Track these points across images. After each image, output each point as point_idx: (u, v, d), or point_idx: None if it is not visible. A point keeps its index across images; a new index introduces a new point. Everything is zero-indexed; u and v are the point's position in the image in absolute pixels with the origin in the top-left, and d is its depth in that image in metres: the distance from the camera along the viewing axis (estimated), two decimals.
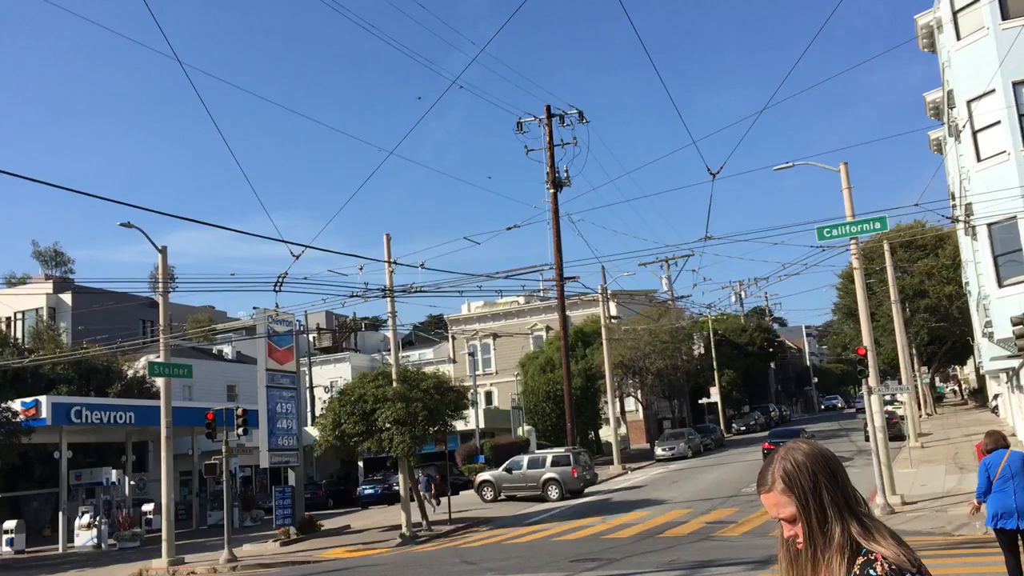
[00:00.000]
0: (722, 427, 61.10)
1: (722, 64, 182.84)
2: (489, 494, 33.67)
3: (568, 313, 41.26)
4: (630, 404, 60.66)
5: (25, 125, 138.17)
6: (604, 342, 45.06)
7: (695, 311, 61.32)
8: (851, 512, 2.30)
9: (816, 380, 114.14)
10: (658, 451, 46.09)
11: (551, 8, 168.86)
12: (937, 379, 73.01)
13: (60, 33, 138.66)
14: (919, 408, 47.01)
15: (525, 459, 33.99)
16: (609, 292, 46.36)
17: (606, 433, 52.57)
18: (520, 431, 46.71)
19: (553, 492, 32.01)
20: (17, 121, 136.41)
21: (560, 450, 34.74)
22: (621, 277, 47.98)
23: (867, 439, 23.70)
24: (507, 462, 34.66)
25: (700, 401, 66.39)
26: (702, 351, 65.46)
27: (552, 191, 38.04)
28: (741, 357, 73.39)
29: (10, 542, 34.12)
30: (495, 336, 66.38)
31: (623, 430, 57.35)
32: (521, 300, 65.15)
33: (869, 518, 2.32)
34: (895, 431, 35.89)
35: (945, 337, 53.17)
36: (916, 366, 50.49)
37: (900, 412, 40.31)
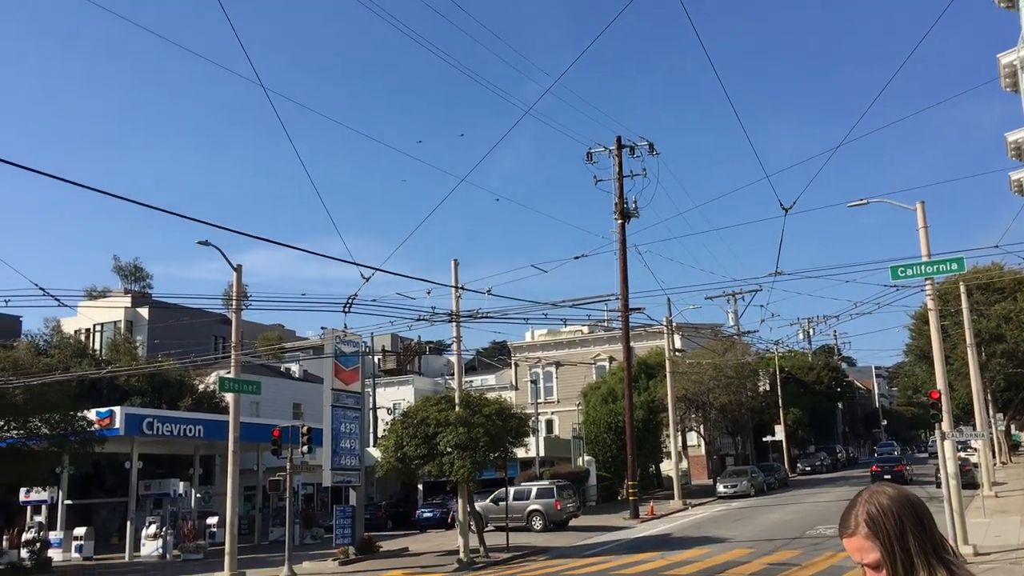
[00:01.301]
0: (786, 466, 59.86)
1: (796, 99, 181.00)
2: (474, 524, 33.92)
3: (632, 344, 41.02)
4: (692, 439, 59.87)
5: (109, 144, 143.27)
6: (668, 375, 44.65)
7: (761, 347, 60.42)
8: (939, 560, 2.23)
9: (885, 423, 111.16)
10: (720, 488, 45.37)
11: (625, 39, 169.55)
12: (1013, 427, 70.48)
13: (145, 57, 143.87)
14: (993, 456, 45.47)
15: (512, 491, 34.18)
16: (674, 324, 46.01)
17: (667, 467, 51.94)
18: (580, 461, 46.47)
19: (537, 523, 33.22)
20: (102, 140, 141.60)
21: (544, 483, 36.01)
22: (687, 310, 47.66)
23: (938, 486, 23.05)
24: (494, 494, 34.96)
25: (764, 439, 65.20)
26: (767, 388, 64.34)
27: (620, 222, 38.02)
28: (808, 396, 71.94)
29: (79, 548, 35.08)
30: (558, 364, 66.28)
31: (684, 465, 56.58)
32: (585, 329, 64.99)
33: (958, 567, 2.25)
34: (968, 479, 34.76)
35: (1022, 384, 51.42)
36: (991, 412, 48.89)
37: (974, 459, 39.03)
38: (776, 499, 41.65)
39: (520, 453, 33.70)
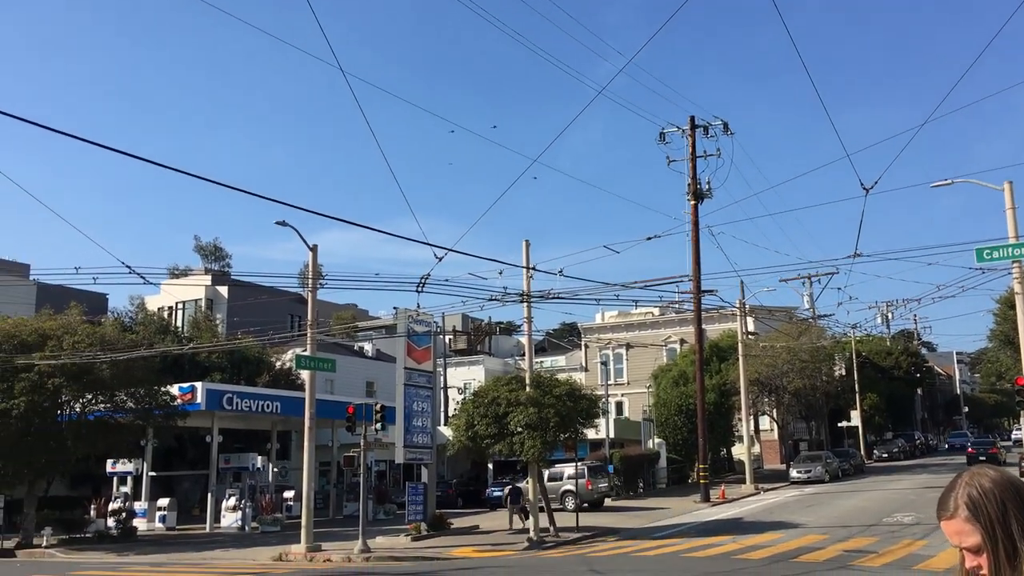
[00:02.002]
0: (862, 453, 58.69)
1: (876, 77, 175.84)
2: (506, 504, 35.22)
3: (704, 327, 40.59)
4: (765, 423, 59.10)
5: (191, 126, 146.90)
6: (740, 358, 44.11)
7: (838, 331, 59.18)
8: None
9: (967, 410, 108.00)
10: (793, 473, 44.74)
11: (698, 18, 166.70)
12: None
13: (227, 42, 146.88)
14: None
15: (547, 472, 34.45)
16: (747, 307, 45.35)
17: (739, 451, 51.42)
18: (650, 443, 46.29)
19: (569, 503, 33.44)
20: (184, 122, 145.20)
21: (570, 466, 35.96)
22: (760, 292, 46.77)
23: (1022, 474, 22.35)
24: (521, 473, 36.22)
25: (839, 424, 64.01)
26: (843, 373, 63.04)
27: (693, 203, 37.56)
28: (885, 381, 70.31)
29: (163, 518, 36.37)
30: (628, 346, 66.02)
31: (757, 449, 55.90)
32: (656, 311, 64.53)
33: None
34: None
35: None
36: None
37: None
38: (851, 485, 40.88)
39: (590, 434, 33.74)
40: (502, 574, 17.81)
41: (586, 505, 33.80)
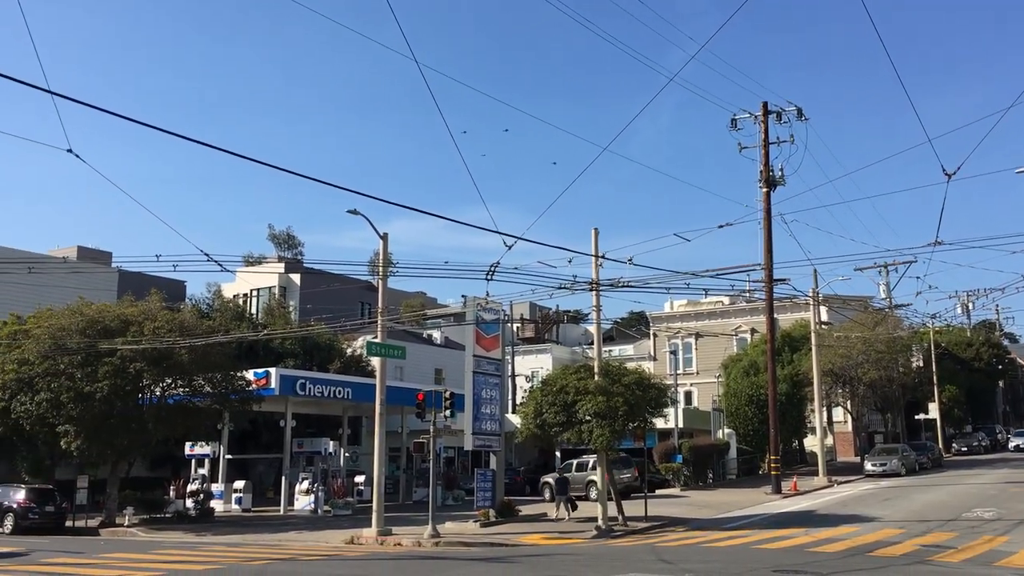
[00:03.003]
0: (940, 446, 57.11)
1: (958, 60, 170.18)
2: (547, 494, 36.40)
3: (775, 316, 39.91)
4: (838, 414, 57.98)
5: (265, 115, 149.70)
6: (813, 348, 43.30)
7: (916, 321, 57.57)
8: None
9: None
10: (868, 466, 43.78)
11: (771, 1, 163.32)
12: None
13: (297, 32, 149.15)
14: None
15: (575, 463, 38.06)
16: (821, 296, 44.44)
17: (811, 443, 50.52)
18: (720, 434, 45.80)
19: (592, 492, 34.01)
20: (259, 112, 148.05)
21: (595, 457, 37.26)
22: (834, 281, 45.75)
23: None
24: (562, 465, 38.85)
25: (916, 417, 62.42)
26: (921, 364, 61.37)
27: (765, 190, 36.92)
28: (965, 373, 68.24)
29: (239, 500, 37.33)
30: (697, 336, 65.37)
31: (830, 441, 54.90)
32: (726, 300, 63.74)
33: None
34: None
35: None
36: None
37: None
38: (929, 479, 39.84)
39: (659, 424, 33.54)
40: (571, 562, 17.82)
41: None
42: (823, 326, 47.86)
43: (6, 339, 33.05)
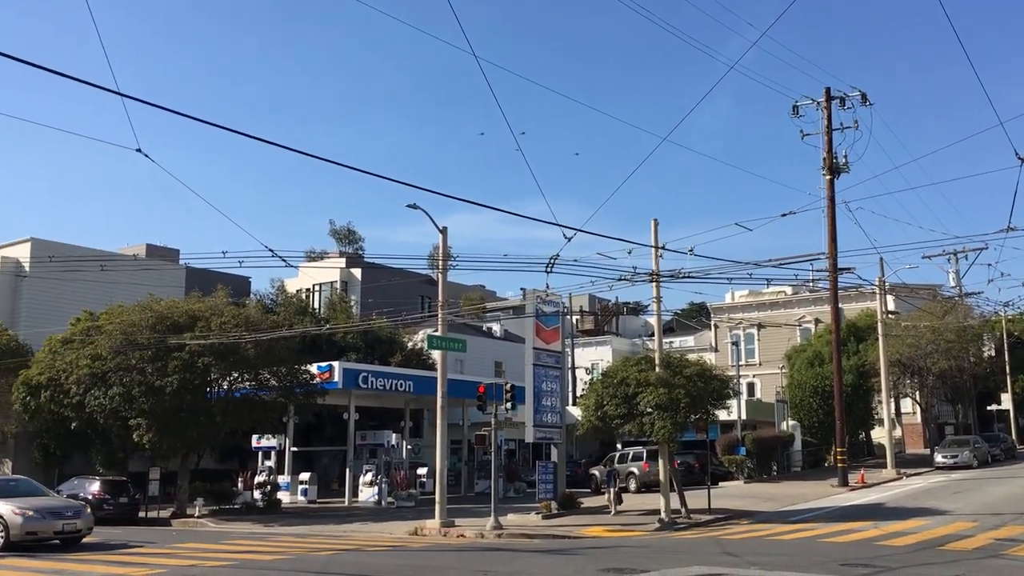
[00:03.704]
0: (1014, 437, 55.49)
1: None
2: (592, 485, 38.01)
3: (840, 306, 39.15)
4: (906, 405, 56.74)
5: (324, 113, 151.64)
6: (880, 338, 42.42)
7: (987, 309, 55.97)
8: None
9: None
10: (938, 458, 42.77)
11: None
12: None
13: (356, 28, 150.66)
14: None
15: (617, 455, 39.50)
16: (887, 285, 43.48)
17: (878, 434, 49.54)
18: (784, 425, 45.17)
19: (632, 484, 36.18)
20: (317, 111, 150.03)
21: (639, 448, 38.79)
22: (901, 270, 44.75)
23: None
24: (606, 457, 40.52)
25: (988, 407, 60.65)
26: (993, 353, 59.67)
27: (828, 177, 36.21)
28: None
29: (304, 492, 37.97)
30: (759, 326, 64.54)
31: (898, 433, 53.78)
32: (788, 290, 62.80)
33: None
34: None
35: None
36: None
37: None
38: (1003, 471, 38.77)
39: (721, 415, 33.25)
40: (634, 554, 17.75)
41: (643, 488, 36.48)
42: (890, 315, 46.85)
43: (80, 335, 34.12)
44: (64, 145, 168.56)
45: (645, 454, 38.02)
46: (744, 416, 42.56)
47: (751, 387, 61.59)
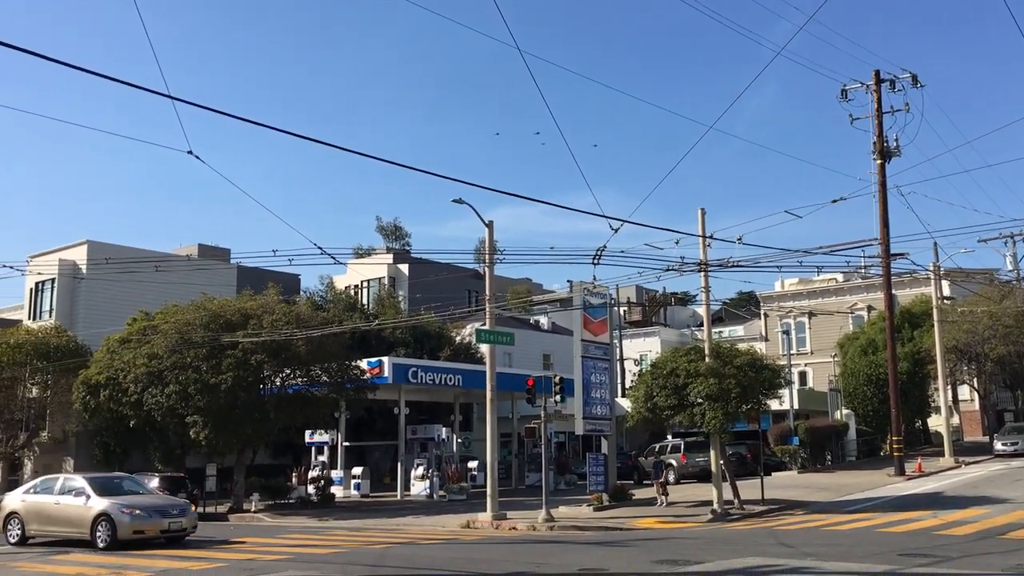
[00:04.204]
0: None
1: None
2: (635, 476, 38.82)
3: (894, 292, 38.47)
4: (964, 393, 55.61)
5: (369, 110, 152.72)
6: (935, 324, 41.61)
7: None
8: None
9: None
10: (997, 445, 41.88)
11: None
12: None
13: (401, 23, 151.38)
14: None
15: (657, 447, 40.17)
16: (942, 270, 42.61)
17: (935, 422, 48.65)
18: (837, 414, 44.57)
19: (670, 475, 35.09)
20: (362, 107, 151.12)
21: (677, 440, 39.36)
22: (956, 254, 43.85)
23: None
24: (646, 449, 41.33)
25: None
26: None
27: (879, 162, 35.58)
28: None
29: (357, 486, 38.40)
30: (810, 315, 63.67)
31: (955, 420, 52.73)
32: (840, 277, 61.86)
33: None
34: None
35: None
36: None
37: None
38: None
39: (773, 405, 32.94)
40: (688, 545, 17.68)
41: (680, 479, 36.59)
42: (945, 301, 45.83)
43: (136, 335, 34.85)
44: (115, 149, 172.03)
45: (683, 446, 38.10)
46: (796, 405, 42.09)
47: (803, 376, 60.87)
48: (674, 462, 38.16)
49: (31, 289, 45.75)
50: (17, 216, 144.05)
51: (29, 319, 45.18)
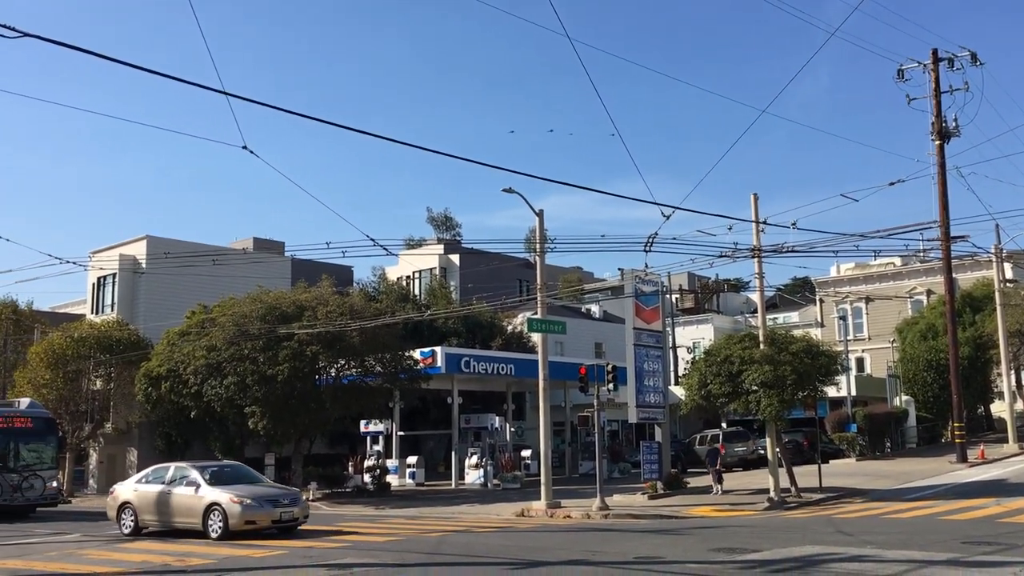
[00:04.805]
0: None
1: None
2: (679, 466, 37.79)
3: (954, 275, 37.61)
4: None
5: (417, 101, 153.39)
6: (998, 308, 40.60)
7: None
8: None
9: None
10: None
11: None
12: None
13: (448, 14, 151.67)
14: None
15: (698, 437, 40.87)
16: (1004, 252, 41.54)
17: (998, 408, 47.48)
18: (896, 401, 43.76)
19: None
20: (410, 98, 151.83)
21: (715, 431, 39.71)
22: (1020, 236, 42.85)
23: None
24: (691, 437, 41.82)
25: None
26: None
27: (938, 143, 34.76)
28: None
29: (412, 475, 38.80)
30: (867, 300, 62.53)
31: (1020, 406, 51.38)
32: (897, 261, 60.61)
33: None
34: None
35: None
36: None
37: None
38: None
39: (830, 392, 32.49)
40: (745, 534, 17.55)
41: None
42: (1008, 284, 44.75)
43: (195, 327, 35.58)
44: (171, 146, 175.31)
45: (721, 436, 37.93)
46: (854, 392, 41.40)
47: (860, 362, 59.88)
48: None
49: (93, 284, 46.92)
50: (79, 213, 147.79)
51: (92, 313, 46.40)
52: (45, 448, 28.83)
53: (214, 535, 19.02)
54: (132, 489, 21.27)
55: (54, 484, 29.09)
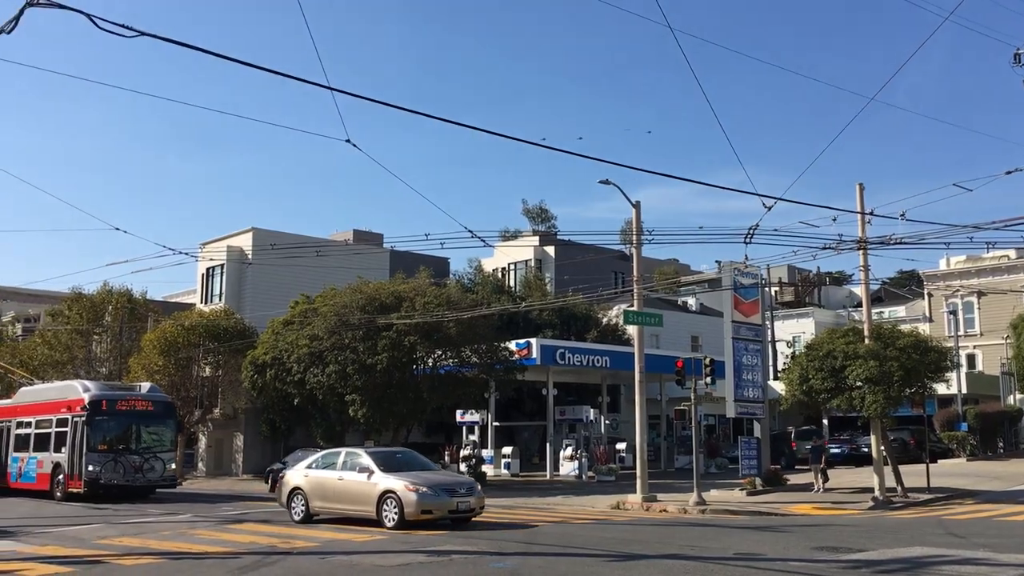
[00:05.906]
0: None
1: None
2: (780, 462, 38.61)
3: None
4: None
5: (515, 95, 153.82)
6: None
7: None
8: None
9: None
10: None
11: None
12: None
13: (546, 7, 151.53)
14: None
15: (791, 432, 41.16)
16: None
17: None
18: (1011, 400, 41.97)
19: (782, 460, 36.16)
20: (509, 92, 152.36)
21: (789, 428, 39.83)
22: None
23: None
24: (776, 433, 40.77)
25: None
26: None
27: None
28: None
29: (507, 465, 39.08)
30: (979, 294, 59.93)
31: None
32: (1012, 254, 57.90)
33: None
34: None
35: None
36: None
37: None
38: None
39: (940, 389, 31.36)
40: (848, 533, 17.10)
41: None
42: None
43: (298, 317, 36.58)
44: (277, 140, 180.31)
45: (792, 434, 38.16)
46: (965, 390, 39.89)
47: (971, 359, 57.47)
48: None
49: (202, 275, 48.73)
50: (190, 206, 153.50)
51: (201, 303, 48.21)
52: (165, 431, 29.90)
53: (389, 524, 18.07)
54: (303, 475, 20.35)
55: (172, 466, 30.19)
